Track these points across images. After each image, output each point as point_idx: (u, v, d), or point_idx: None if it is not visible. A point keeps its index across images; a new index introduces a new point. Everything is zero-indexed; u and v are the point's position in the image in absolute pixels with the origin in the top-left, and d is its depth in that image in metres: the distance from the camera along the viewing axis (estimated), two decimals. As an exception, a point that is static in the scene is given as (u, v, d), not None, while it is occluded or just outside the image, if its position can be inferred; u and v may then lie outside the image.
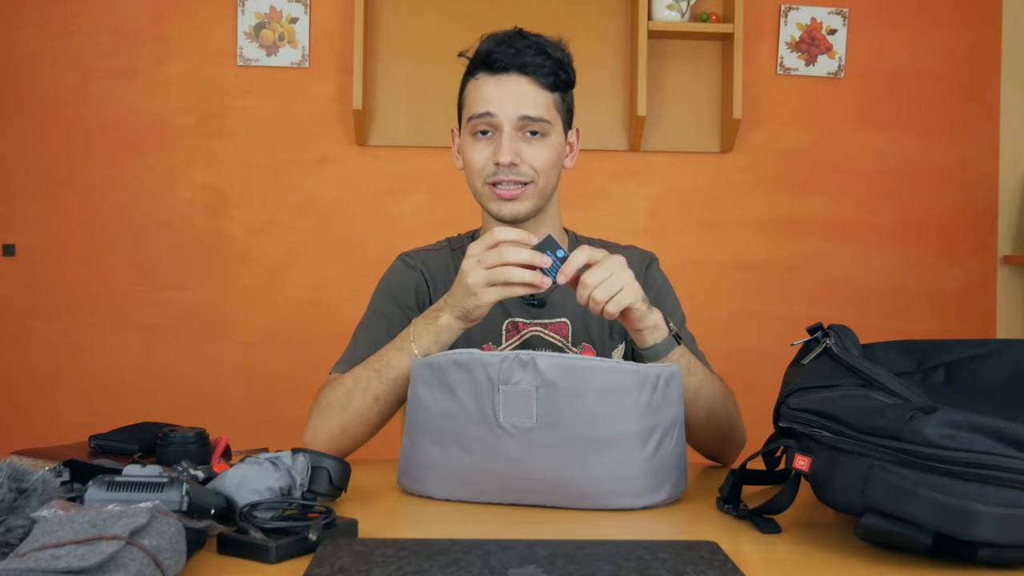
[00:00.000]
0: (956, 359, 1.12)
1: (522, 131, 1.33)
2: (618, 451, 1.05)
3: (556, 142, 1.36)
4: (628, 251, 1.50)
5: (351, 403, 1.25)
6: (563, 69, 1.34)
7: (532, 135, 1.33)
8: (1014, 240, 2.90)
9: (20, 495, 0.79)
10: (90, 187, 2.67)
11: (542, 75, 1.33)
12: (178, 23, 2.68)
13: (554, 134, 1.35)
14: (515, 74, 1.33)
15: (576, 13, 2.72)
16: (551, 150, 1.35)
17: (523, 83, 1.32)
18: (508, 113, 1.32)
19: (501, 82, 1.33)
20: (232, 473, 0.96)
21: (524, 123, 1.32)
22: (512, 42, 1.34)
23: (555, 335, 1.40)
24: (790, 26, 2.81)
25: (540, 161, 1.33)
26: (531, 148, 1.33)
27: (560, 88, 1.36)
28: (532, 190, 1.35)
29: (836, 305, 2.81)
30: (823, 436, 0.92)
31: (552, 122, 1.34)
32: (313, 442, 1.28)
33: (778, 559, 0.91)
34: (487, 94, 1.33)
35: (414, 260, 1.47)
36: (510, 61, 1.32)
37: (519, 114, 1.32)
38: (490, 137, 1.34)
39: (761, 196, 2.83)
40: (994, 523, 0.80)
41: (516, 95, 1.32)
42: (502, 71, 1.33)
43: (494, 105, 1.32)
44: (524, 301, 1.41)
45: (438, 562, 0.81)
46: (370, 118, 2.70)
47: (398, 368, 1.23)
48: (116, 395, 2.65)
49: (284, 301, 2.71)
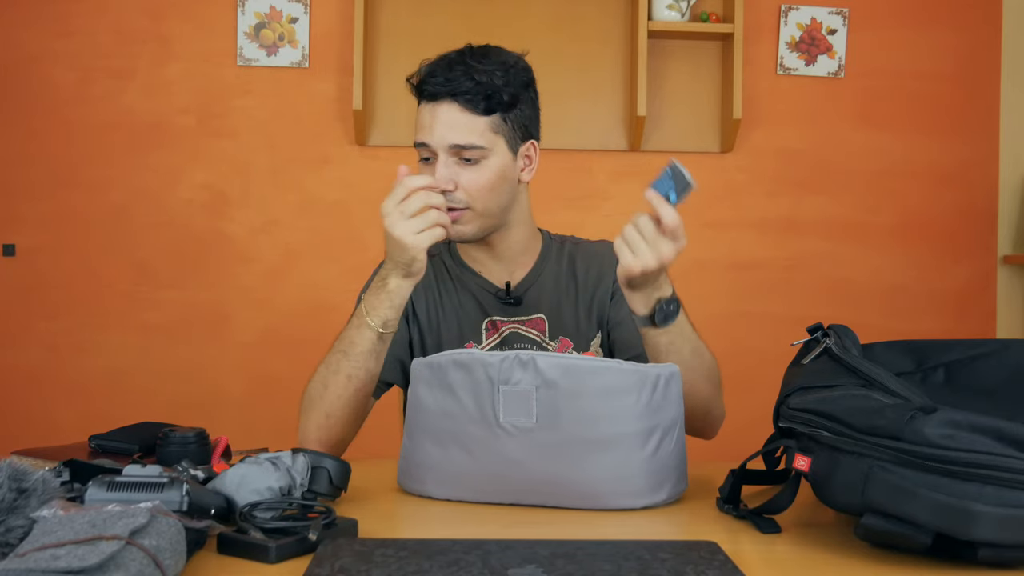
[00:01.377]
0: (956, 359, 1.13)
1: (457, 157, 1.35)
2: (618, 451, 1.05)
3: (495, 164, 1.36)
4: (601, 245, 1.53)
5: (327, 388, 1.30)
6: (496, 91, 1.34)
7: (467, 161, 1.35)
8: (1014, 240, 2.90)
9: (20, 495, 0.79)
10: (90, 187, 2.66)
11: (472, 101, 1.33)
12: (178, 23, 2.68)
13: (493, 157, 1.35)
14: (446, 101, 1.34)
15: (576, 13, 2.72)
16: (487, 173, 1.35)
17: (454, 110, 1.34)
18: (439, 142, 1.34)
19: (435, 110, 1.35)
20: (232, 473, 0.96)
21: (455, 151, 1.34)
22: (446, 68, 1.35)
23: (532, 331, 1.43)
24: (790, 26, 2.81)
25: (475, 186, 1.35)
26: (466, 174, 1.35)
27: (497, 110, 1.35)
28: (469, 215, 1.36)
29: (836, 305, 2.81)
30: (823, 436, 0.92)
31: (488, 146, 1.34)
32: (305, 437, 1.31)
33: (778, 559, 0.92)
34: (424, 122, 1.36)
35: None
36: (440, 89, 1.34)
37: (448, 143, 1.34)
38: (431, 163, 1.36)
39: (761, 196, 2.83)
40: (994, 523, 0.80)
41: (447, 123, 1.34)
42: (433, 99, 1.35)
43: (427, 134, 1.35)
44: (500, 301, 1.45)
45: (438, 562, 0.81)
46: (370, 118, 2.70)
47: (360, 344, 1.29)
48: (116, 395, 2.65)
49: (284, 301, 2.71)
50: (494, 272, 1.47)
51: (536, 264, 1.48)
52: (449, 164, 1.34)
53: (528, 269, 1.48)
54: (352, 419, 1.32)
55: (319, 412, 1.31)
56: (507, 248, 1.45)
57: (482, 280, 1.47)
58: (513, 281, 1.46)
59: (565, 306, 1.46)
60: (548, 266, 1.49)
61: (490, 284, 1.47)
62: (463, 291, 1.47)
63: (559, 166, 2.71)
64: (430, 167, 1.36)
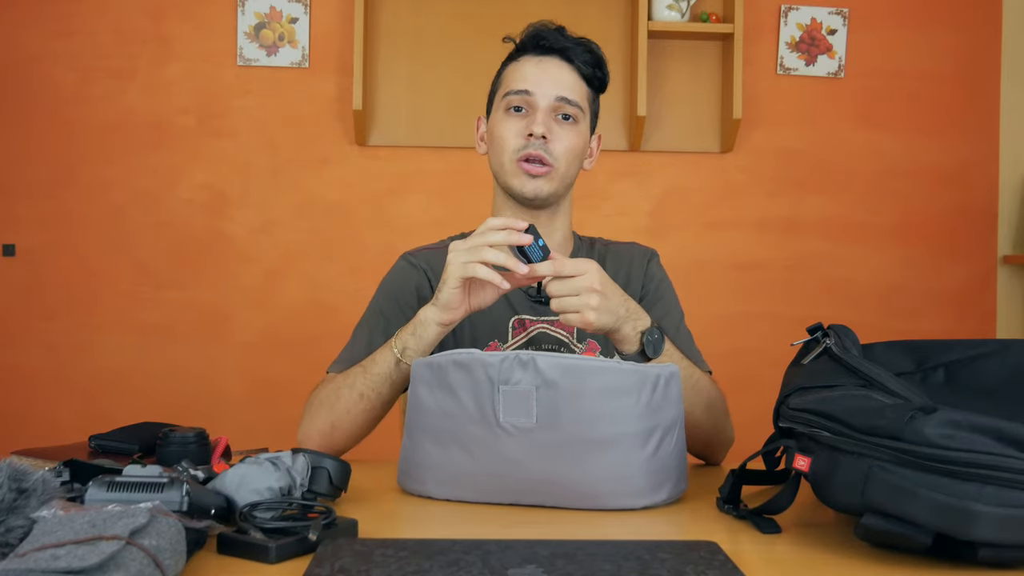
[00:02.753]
0: (956, 359, 1.12)
1: (556, 113, 1.36)
2: (618, 451, 1.05)
3: (584, 132, 1.40)
4: (629, 247, 1.52)
5: (339, 400, 1.28)
6: (601, 67, 1.40)
7: (564, 119, 1.37)
8: (1014, 240, 2.90)
9: (20, 495, 0.79)
10: (90, 187, 2.67)
11: (584, 64, 1.38)
12: (178, 23, 2.68)
13: (583, 123, 1.40)
14: (558, 58, 1.38)
15: (576, 13, 2.71)
16: (578, 138, 1.39)
17: (564, 68, 1.37)
18: (546, 92, 1.36)
19: (543, 63, 1.37)
20: (232, 473, 0.96)
21: (560, 105, 1.36)
22: (560, 31, 1.39)
23: (561, 331, 1.41)
24: (790, 26, 2.81)
25: (566, 145, 1.37)
26: (561, 131, 1.37)
27: (595, 85, 1.41)
28: (554, 174, 1.37)
29: (836, 305, 2.81)
30: (823, 436, 0.92)
31: (584, 111, 1.39)
32: (305, 439, 1.29)
33: (778, 559, 0.91)
34: (528, 73, 1.37)
35: (417, 259, 1.47)
36: (555, 44, 1.37)
37: (557, 94, 1.36)
38: (524, 114, 1.37)
39: (761, 196, 2.83)
40: (994, 523, 0.80)
41: (556, 77, 1.37)
42: (546, 53, 1.38)
43: (533, 84, 1.36)
44: (531, 298, 1.42)
45: (438, 562, 0.81)
46: (370, 118, 2.70)
47: (380, 365, 1.25)
48: (116, 395, 2.65)
49: (284, 301, 2.71)
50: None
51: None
52: (549, 116, 1.36)
53: None
54: (357, 434, 1.30)
55: (325, 420, 1.29)
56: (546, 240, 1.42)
57: None
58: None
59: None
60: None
61: None
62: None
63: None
64: (519, 118, 1.37)
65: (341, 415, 1.28)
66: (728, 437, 1.35)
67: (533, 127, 1.34)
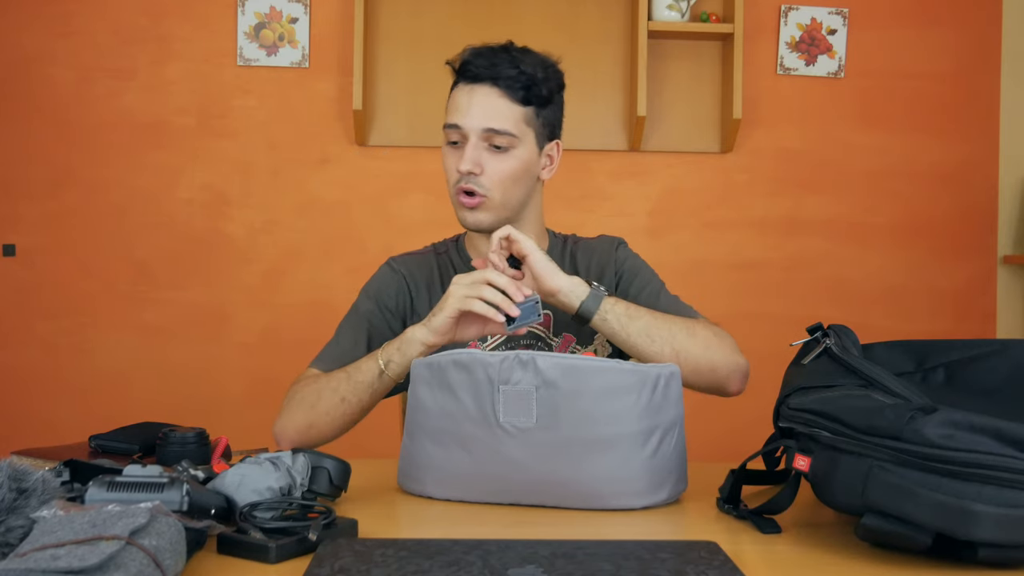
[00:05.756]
0: (956, 359, 1.13)
1: (487, 143, 1.35)
2: (618, 451, 1.05)
3: (522, 155, 1.37)
4: (597, 240, 1.54)
5: (320, 401, 1.31)
6: (536, 84, 1.35)
7: (496, 148, 1.35)
8: (1014, 240, 2.90)
9: (20, 495, 0.79)
10: (90, 187, 2.66)
11: (513, 88, 1.34)
12: (178, 23, 2.68)
13: (521, 148, 1.37)
14: (487, 85, 1.35)
15: (576, 13, 2.72)
16: (513, 163, 1.37)
17: (493, 95, 1.34)
18: (474, 125, 1.34)
19: (473, 93, 1.35)
20: (232, 473, 0.96)
21: (488, 135, 1.35)
22: (491, 54, 1.36)
23: (537, 327, 1.43)
24: (790, 26, 2.81)
25: (499, 175, 1.36)
26: (493, 161, 1.36)
27: (533, 103, 1.37)
28: (489, 203, 1.37)
29: (836, 305, 2.81)
30: (823, 436, 0.92)
31: (519, 135, 1.36)
32: (281, 433, 1.33)
33: (778, 559, 0.92)
34: (459, 104, 1.36)
35: (399, 265, 1.51)
36: (483, 72, 1.34)
37: (484, 127, 1.34)
38: (459, 147, 1.37)
39: (761, 196, 2.83)
40: (994, 523, 0.80)
41: (484, 107, 1.34)
42: (475, 81, 1.35)
43: (461, 116, 1.35)
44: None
45: (438, 562, 0.81)
46: (370, 118, 2.70)
47: (365, 373, 1.29)
48: (116, 395, 2.65)
49: (284, 301, 2.71)
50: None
51: None
52: (479, 148, 1.35)
53: None
54: (331, 435, 1.34)
55: (303, 419, 1.32)
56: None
57: None
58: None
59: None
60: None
61: None
62: None
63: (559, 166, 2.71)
64: (458, 151, 1.36)
65: (320, 416, 1.31)
66: (739, 364, 1.33)
67: (460, 164, 1.34)
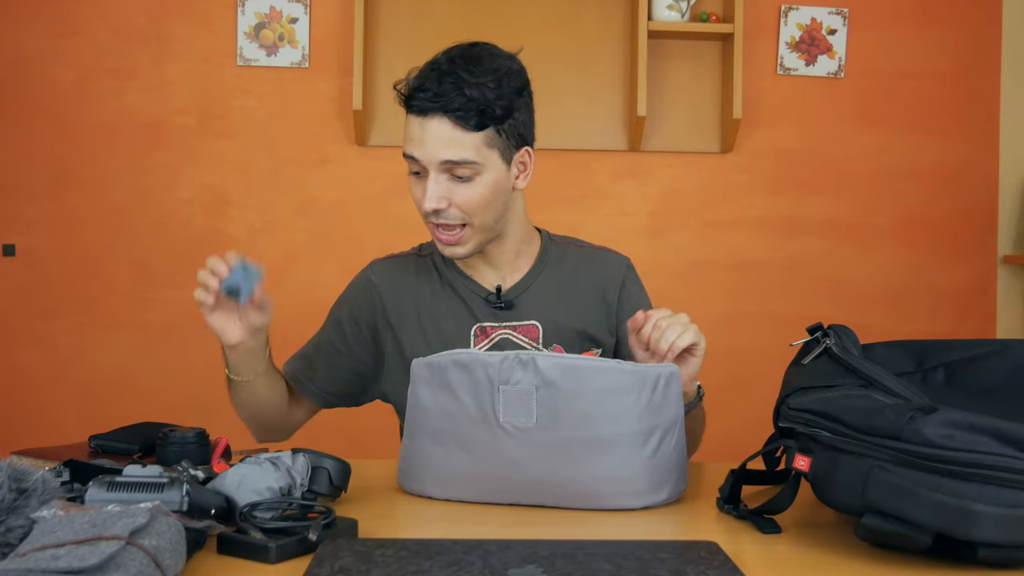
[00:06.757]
0: (956, 359, 1.13)
1: (449, 173, 1.28)
2: (618, 451, 1.05)
3: (489, 179, 1.29)
4: (604, 255, 1.50)
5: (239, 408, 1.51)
6: (489, 106, 1.25)
7: (459, 178, 1.28)
8: (1014, 240, 2.90)
9: (20, 495, 0.79)
10: (90, 187, 2.66)
11: (466, 117, 1.25)
12: (178, 23, 2.68)
13: (486, 172, 1.28)
14: (438, 115, 1.25)
15: (576, 13, 2.72)
16: (481, 189, 1.28)
17: (445, 125, 1.25)
18: (431, 158, 1.26)
19: (424, 124, 1.26)
20: (232, 473, 0.96)
21: (447, 167, 1.27)
22: (436, 82, 1.26)
23: (524, 338, 1.38)
24: (790, 26, 2.81)
25: (470, 204, 1.29)
26: (460, 190, 1.28)
27: (489, 124, 1.27)
28: (468, 232, 1.32)
29: (836, 305, 2.81)
30: (823, 436, 0.92)
31: (482, 161, 1.27)
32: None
33: (778, 559, 0.92)
34: (413, 135, 1.28)
35: (375, 271, 1.48)
36: (430, 105, 1.25)
37: (441, 159, 1.26)
38: (422, 177, 1.30)
39: (761, 196, 2.83)
40: (994, 523, 0.80)
41: (438, 139, 1.26)
42: (424, 112, 1.26)
43: (418, 148, 1.27)
44: (491, 305, 1.39)
45: (438, 562, 0.81)
46: (370, 118, 2.70)
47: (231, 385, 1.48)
48: (116, 395, 2.65)
49: (284, 301, 2.69)
50: (487, 276, 1.41)
51: (532, 268, 1.43)
52: (441, 181, 1.27)
53: (523, 273, 1.42)
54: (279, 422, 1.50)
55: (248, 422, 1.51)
56: (500, 254, 1.39)
57: (473, 284, 1.41)
58: (507, 285, 1.40)
59: (562, 315, 1.40)
60: (545, 271, 1.43)
61: (481, 288, 1.40)
62: (452, 296, 1.41)
63: (559, 166, 2.71)
64: (422, 181, 1.30)
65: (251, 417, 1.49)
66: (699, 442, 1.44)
67: (425, 203, 1.28)
